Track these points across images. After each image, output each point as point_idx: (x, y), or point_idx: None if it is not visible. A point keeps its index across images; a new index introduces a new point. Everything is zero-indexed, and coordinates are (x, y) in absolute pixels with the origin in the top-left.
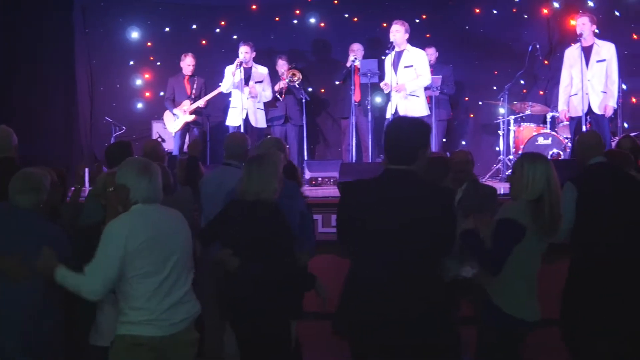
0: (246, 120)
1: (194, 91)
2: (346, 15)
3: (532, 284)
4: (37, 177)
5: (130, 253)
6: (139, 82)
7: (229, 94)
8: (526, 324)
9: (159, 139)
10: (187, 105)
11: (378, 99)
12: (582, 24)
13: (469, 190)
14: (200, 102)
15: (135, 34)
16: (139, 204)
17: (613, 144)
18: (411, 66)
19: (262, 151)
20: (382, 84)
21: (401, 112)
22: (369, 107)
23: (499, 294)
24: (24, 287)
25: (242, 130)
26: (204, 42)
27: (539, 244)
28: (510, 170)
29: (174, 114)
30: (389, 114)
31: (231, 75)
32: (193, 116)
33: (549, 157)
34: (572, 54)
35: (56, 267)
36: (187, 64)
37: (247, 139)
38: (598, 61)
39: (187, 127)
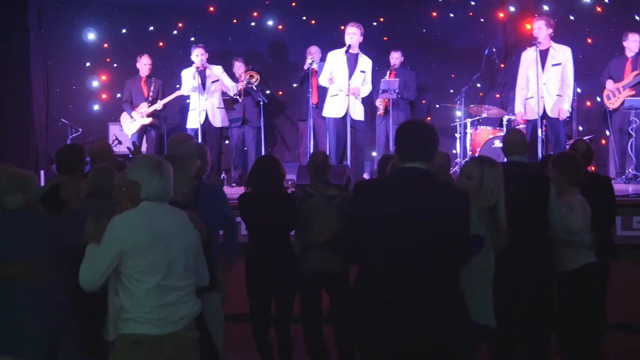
0: (206, 122)
1: (151, 93)
2: (304, 18)
3: (490, 288)
4: (22, 176)
5: (130, 250)
6: (95, 83)
7: (187, 97)
8: (489, 330)
9: (116, 141)
10: (144, 107)
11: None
12: (538, 28)
13: None
14: (158, 105)
15: (91, 36)
16: (146, 201)
17: (568, 147)
18: (364, 72)
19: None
20: (327, 81)
21: (352, 115)
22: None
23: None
24: (36, 288)
25: (200, 132)
26: (161, 44)
27: (493, 250)
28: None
29: (132, 117)
30: (339, 114)
31: (191, 78)
32: (150, 119)
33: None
34: (528, 56)
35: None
36: (144, 63)
37: (191, 138)
38: (554, 65)
39: (144, 130)
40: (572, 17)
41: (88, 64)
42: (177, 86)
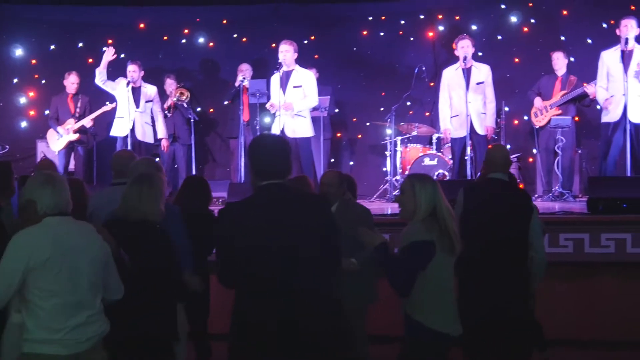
0: (132, 132)
1: (78, 110)
2: (235, 36)
3: (451, 296)
4: None
5: (35, 268)
6: (23, 100)
7: (114, 109)
8: (451, 339)
9: (44, 158)
10: (71, 124)
11: (267, 119)
12: (467, 46)
13: (339, 211)
14: (86, 121)
15: (19, 52)
16: (48, 217)
17: None
18: (300, 86)
19: (146, 171)
20: (268, 105)
21: (288, 132)
22: (257, 127)
23: (420, 310)
24: None
25: (128, 141)
26: (90, 60)
27: (448, 258)
28: (397, 191)
29: (58, 133)
30: (277, 131)
31: (124, 85)
32: (77, 135)
33: (434, 177)
34: (451, 75)
35: None
36: (71, 82)
37: (134, 156)
38: (477, 83)
39: (71, 146)
40: (499, 37)
41: (15, 81)
42: (107, 103)
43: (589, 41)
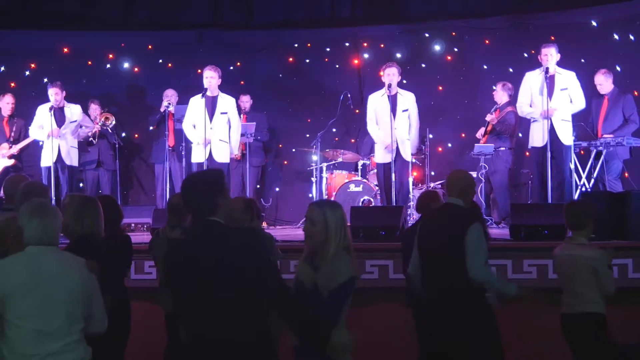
0: (59, 159)
1: (12, 134)
2: (160, 61)
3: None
4: None
5: (9, 295)
6: None
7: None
8: None
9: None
10: (5, 149)
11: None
12: (392, 74)
13: None
14: (13, 150)
15: None
16: (31, 245)
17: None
18: (226, 113)
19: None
20: (195, 142)
21: (215, 156)
22: (183, 153)
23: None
24: None
25: (52, 170)
26: (12, 84)
27: None
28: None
29: None
30: (202, 159)
31: (44, 115)
32: (12, 160)
33: (360, 204)
34: (377, 101)
35: None
36: (6, 102)
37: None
38: (403, 110)
39: (6, 172)
40: (423, 65)
41: None
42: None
43: (511, 70)
